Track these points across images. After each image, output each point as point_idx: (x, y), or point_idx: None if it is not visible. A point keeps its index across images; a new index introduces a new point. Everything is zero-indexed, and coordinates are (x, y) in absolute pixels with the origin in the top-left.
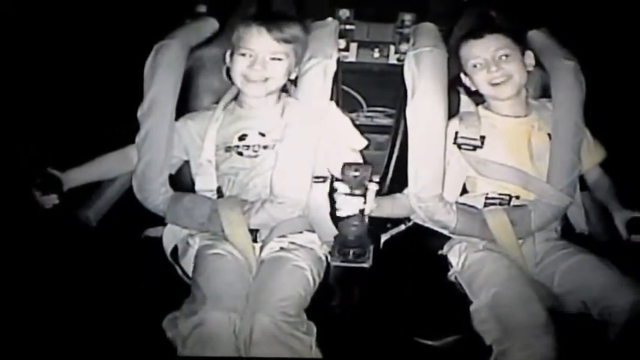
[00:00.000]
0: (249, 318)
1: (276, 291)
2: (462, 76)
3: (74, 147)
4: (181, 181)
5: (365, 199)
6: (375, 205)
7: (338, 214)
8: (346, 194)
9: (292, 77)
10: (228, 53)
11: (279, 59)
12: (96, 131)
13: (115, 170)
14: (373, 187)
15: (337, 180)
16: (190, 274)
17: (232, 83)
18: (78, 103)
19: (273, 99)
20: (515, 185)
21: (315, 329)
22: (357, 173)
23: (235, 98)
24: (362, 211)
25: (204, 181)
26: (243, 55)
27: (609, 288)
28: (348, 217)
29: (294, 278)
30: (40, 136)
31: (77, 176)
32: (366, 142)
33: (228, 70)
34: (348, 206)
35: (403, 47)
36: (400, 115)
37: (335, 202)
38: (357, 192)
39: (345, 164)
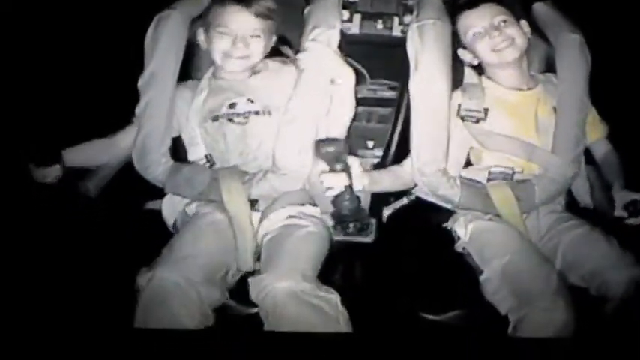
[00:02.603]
0: (270, 287)
1: (293, 255)
2: (460, 51)
3: (73, 121)
4: (179, 155)
5: (349, 174)
6: (367, 181)
7: (327, 194)
8: (328, 172)
9: (267, 52)
10: (200, 31)
11: (258, 36)
12: (96, 103)
13: (103, 158)
14: (354, 161)
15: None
16: None
17: None
18: (78, 75)
19: (249, 72)
20: (519, 157)
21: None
22: (330, 149)
23: (214, 73)
24: (349, 187)
25: (193, 150)
26: (222, 33)
27: (607, 263)
28: (338, 195)
29: (309, 242)
30: (38, 110)
31: (67, 160)
32: (352, 113)
33: None
34: (333, 184)
35: (407, 19)
36: (404, 88)
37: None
38: (338, 168)
39: (317, 141)
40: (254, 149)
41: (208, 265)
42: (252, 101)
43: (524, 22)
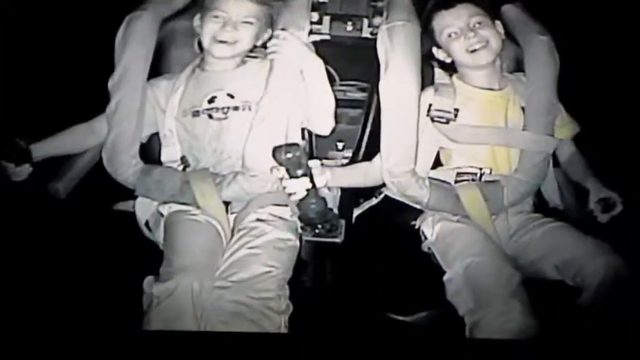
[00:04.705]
0: (219, 294)
1: (249, 267)
2: (435, 49)
3: (44, 118)
4: (151, 154)
5: (310, 178)
6: (329, 176)
7: (292, 198)
8: (289, 178)
9: (259, 44)
10: (197, 17)
11: (249, 22)
12: (66, 102)
13: (81, 144)
14: (315, 164)
15: (274, 167)
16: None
17: (201, 53)
18: (48, 73)
19: (237, 61)
20: (494, 143)
21: (290, 308)
22: (289, 155)
23: (199, 65)
24: (313, 190)
25: (168, 151)
26: (216, 17)
27: (583, 251)
28: (302, 199)
29: (268, 252)
30: (9, 108)
31: (43, 149)
32: (333, 103)
33: (199, 42)
34: (295, 189)
35: (376, 21)
36: (373, 90)
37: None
38: (299, 173)
39: (274, 148)
40: (228, 147)
41: (215, 264)
42: (232, 96)
43: (498, 23)
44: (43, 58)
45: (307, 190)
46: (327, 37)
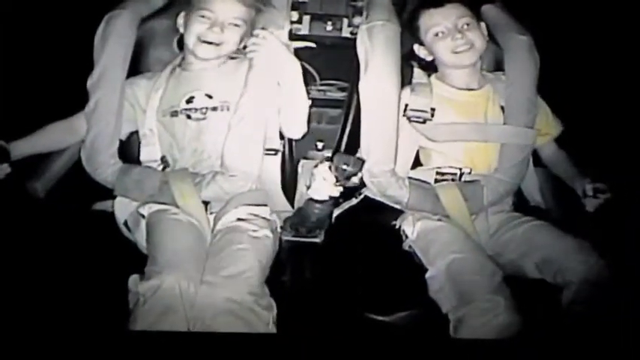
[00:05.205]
0: (208, 290)
1: (238, 263)
2: (416, 47)
3: (22, 117)
4: (130, 154)
5: (343, 188)
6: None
7: (310, 194)
8: (331, 183)
9: (241, 46)
10: (182, 15)
11: (236, 25)
12: (45, 101)
13: (60, 141)
14: (356, 179)
15: (326, 160)
16: (144, 243)
17: (181, 52)
18: (27, 72)
19: (218, 61)
20: (473, 140)
21: (274, 306)
22: (348, 168)
23: (179, 64)
24: (333, 198)
25: (148, 151)
26: (203, 16)
27: (563, 249)
28: (316, 200)
29: (255, 248)
30: None
31: (22, 148)
32: (307, 107)
33: (178, 41)
34: (323, 192)
35: (356, 20)
36: (353, 89)
37: (310, 181)
38: (343, 183)
39: (337, 154)
40: (208, 147)
41: (199, 262)
42: (210, 96)
43: (483, 25)
44: (22, 57)
45: (330, 197)
46: (312, 45)
